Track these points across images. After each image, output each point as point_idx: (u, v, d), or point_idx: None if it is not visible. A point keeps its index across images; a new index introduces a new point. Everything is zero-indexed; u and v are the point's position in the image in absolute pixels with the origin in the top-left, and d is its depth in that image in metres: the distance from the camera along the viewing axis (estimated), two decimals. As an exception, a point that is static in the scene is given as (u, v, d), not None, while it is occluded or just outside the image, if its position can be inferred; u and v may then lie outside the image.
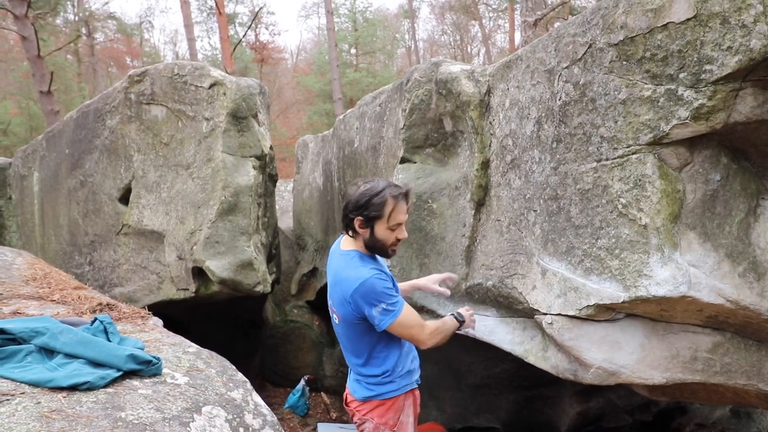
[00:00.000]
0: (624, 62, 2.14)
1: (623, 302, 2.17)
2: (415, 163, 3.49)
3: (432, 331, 2.06)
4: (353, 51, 25.06)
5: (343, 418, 5.46)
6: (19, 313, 2.64)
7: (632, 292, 2.14)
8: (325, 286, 6.34)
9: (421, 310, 3.33)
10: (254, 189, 4.25)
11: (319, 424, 4.94)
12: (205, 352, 2.56)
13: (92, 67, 22.94)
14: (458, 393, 5.11)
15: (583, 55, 2.33)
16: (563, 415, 4.66)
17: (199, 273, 4.31)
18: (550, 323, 2.47)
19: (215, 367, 2.42)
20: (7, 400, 1.66)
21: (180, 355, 2.40)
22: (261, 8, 22.55)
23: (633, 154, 2.14)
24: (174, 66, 4.58)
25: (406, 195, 2.04)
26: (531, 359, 2.74)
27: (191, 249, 4.24)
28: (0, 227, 6.24)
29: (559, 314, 2.41)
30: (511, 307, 2.84)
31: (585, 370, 2.44)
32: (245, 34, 20.64)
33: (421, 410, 2.65)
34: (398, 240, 2.07)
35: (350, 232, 2.10)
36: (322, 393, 5.97)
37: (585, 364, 2.41)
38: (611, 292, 2.20)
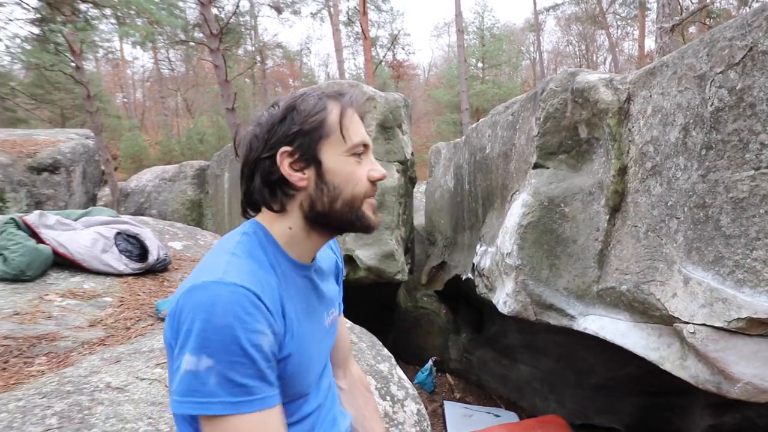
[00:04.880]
0: (794, 65, 1.82)
1: (782, 318, 1.86)
2: (548, 168, 3.32)
3: None
4: (480, 65, 24.55)
5: (466, 399, 5.41)
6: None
7: (794, 308, 1.82)
8: (453, 278, 6.18)
9: (549, 307, 3.16)
10: (397, 190, 4.39)
11: (445, 402, 4.96)
12: (357, 327, 2.71)
13: (263, 88, 25.40)
14: (579, 391, 4.77)
15: (742, 58, 2.03)
16: (693, 426, 4.11)
17: (348, 260, 4.56)
18: (693, 333, 2.19)
19: (366, 341, 2.55)
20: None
21: (338, 329, 2.56)
22: (399, 31, 23.12)
23: (802, 161, 1.81)
24: (333, 85, 4.89)
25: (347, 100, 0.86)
26: (667, 366, 2.46)
27: (343, 239, 4.51)
28: (200, 215, 7.21)
29: (704, 324, 2.13)
30: (646, 312, 2.58)
31: (731, 384, 2.13)
32: (385, 55, 21.30)
33: (540, 403, 2.41)
34: (374, 183, 0.85)
35: (266, 201, 0.83)
36: (447, 374, 5.98)
37: (731, 378, 2.10)
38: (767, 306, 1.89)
